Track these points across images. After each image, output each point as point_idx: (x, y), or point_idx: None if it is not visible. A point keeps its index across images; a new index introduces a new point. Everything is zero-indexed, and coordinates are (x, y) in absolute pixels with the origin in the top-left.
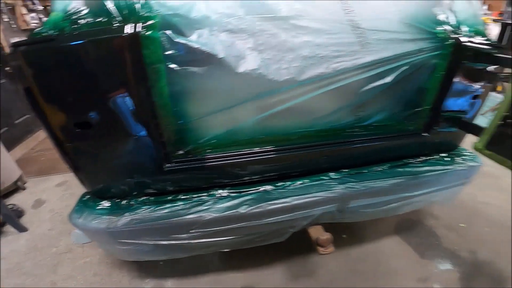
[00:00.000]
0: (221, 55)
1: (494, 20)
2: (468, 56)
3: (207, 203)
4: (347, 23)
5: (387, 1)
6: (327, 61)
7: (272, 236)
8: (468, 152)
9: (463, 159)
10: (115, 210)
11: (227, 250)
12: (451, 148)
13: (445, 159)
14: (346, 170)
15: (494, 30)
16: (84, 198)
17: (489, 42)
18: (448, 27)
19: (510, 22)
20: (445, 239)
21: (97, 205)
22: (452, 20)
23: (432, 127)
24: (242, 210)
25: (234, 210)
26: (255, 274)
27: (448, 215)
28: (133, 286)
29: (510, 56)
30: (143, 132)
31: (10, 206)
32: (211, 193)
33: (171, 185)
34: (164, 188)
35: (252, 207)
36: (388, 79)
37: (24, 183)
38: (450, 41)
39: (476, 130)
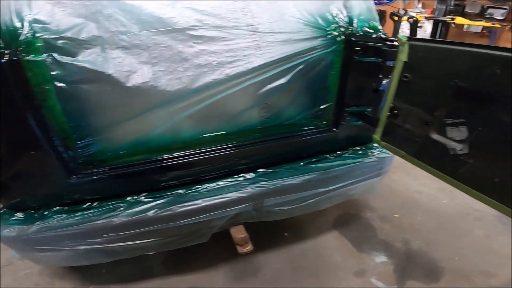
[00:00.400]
0: (109, 71)
1: (426, 18)
2: (358, 51)
3: (119, 209)
4: (245, 28)
5: (287, 2)
6: (221, 67)
7: (193, 237)
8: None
9: (374, 151)
10: (28, 220)
11: (153, 252)
12: (366, 141)
13: (359, 152)
14: (262, 170)
15: (428, 28)
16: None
17: (379, 36)
18: (341, 24)
19: (441, 18)
20: (380, 231)
21: (12, 217)
22: (346, 16)
23: (340, 123)
24: (151, 213)
25: (143, 214)
26: (200, 276)
27: (383, 206)
28: None
29: (394, 49)
30: (42, 148)
31: None
32: (127, 199)
33: (83, 195)
34: (76, 198)
35: (161, 211)
36: (286, 79)
37: None
38: (341, 37)
39: (375, 123)
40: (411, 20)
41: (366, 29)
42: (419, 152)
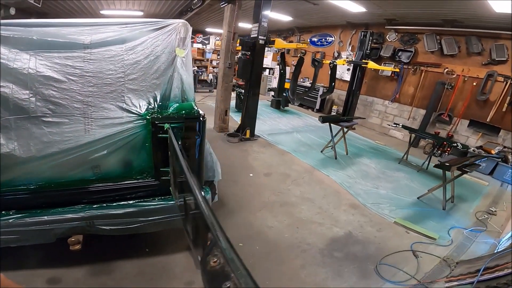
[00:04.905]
0: None
1: (348, 62)
2: (159, 131)
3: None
4: (80, 115)
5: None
6: (59, 144)
7: (41, 238)
8: (204, 192)
9: None
10: None
11: (14, 245)
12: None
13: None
14: (97, 205)
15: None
16: None
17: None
18: (152, 110)
19: (358, 62)
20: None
21: None
22: (158, 102)
23: (160, 177)
24: (11, 220)
25: (8, 220)
26: (64, 270)
27: (235, 236)
28: None
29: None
30: None
31: None
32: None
33: None
34: None
35: (18, 220)
36: (107, 151)
37: None
38: (148, 120)
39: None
40: (331, 65)
41: (179, 108)
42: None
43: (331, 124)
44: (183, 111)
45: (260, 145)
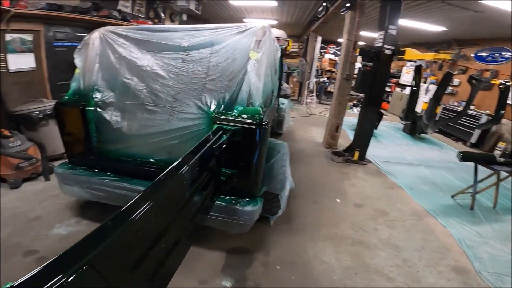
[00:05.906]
0: (111, 120)
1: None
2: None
3: (107, 178)
4: (170, 108)
5: (199, 88)
6: (149, 128)
7: (119, 201)
8: (253, 201)
9: (241, 204)
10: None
11: (104, 202)
12: (250, 196)
13: (233, 200)
14: None
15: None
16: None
17: (245, 120)
18: (218, 107)
19: None
20: (252, 269)
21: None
22: (223, 103)
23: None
24: (106, 181)
25: (104, 180)
26: None
27: (279, 256)
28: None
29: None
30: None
31: None
32: (108, 174)
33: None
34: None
35: (110, 182)
36: (179, 140)
37: None
38: (212, 119)
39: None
40: (502, 86)
41: (243, 113)
42: None
43: (478, 165)
44: (245, 115)
45: (367, 171)
